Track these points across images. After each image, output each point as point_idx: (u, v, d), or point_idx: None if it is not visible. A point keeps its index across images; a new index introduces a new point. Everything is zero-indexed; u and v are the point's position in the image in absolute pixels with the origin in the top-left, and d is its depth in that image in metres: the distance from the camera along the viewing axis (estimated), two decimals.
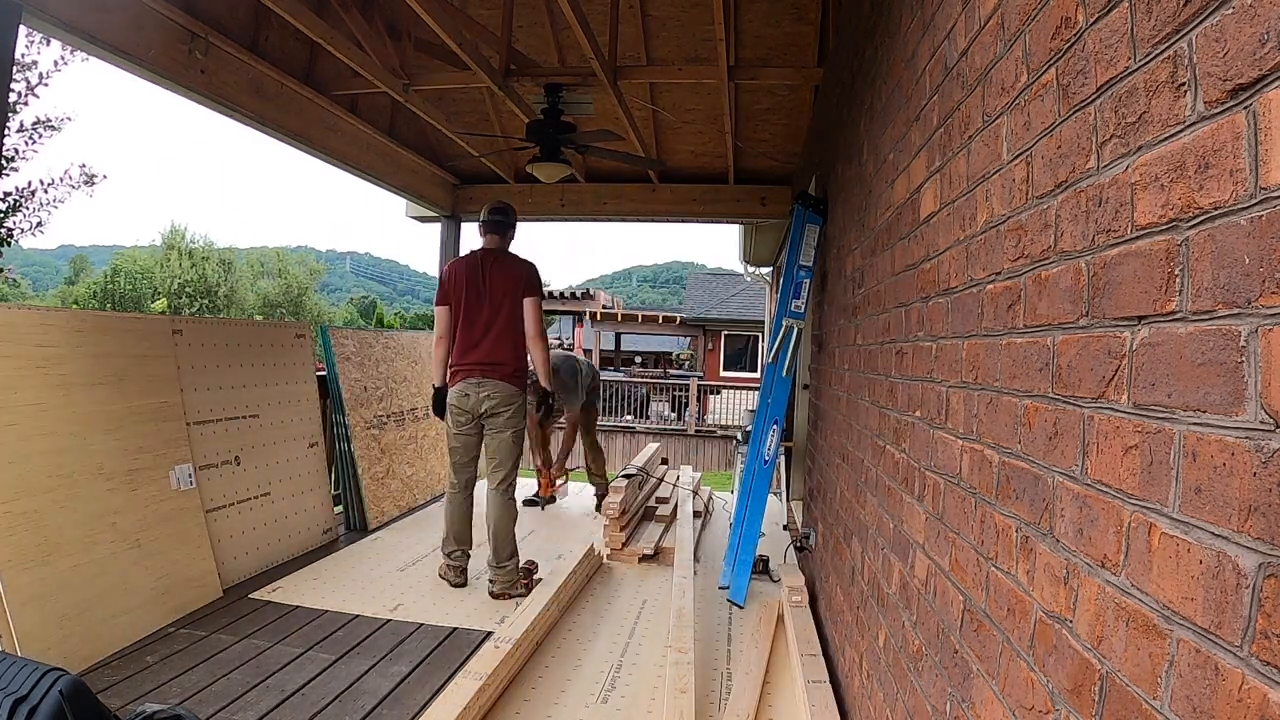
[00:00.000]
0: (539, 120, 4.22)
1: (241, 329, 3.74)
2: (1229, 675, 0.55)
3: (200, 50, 3.42)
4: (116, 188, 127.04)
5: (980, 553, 1.12)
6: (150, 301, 25.15)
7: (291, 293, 31.09)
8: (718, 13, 3.41)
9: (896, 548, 1.67)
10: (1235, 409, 0.57)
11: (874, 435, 2.02)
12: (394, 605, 3.14)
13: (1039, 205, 0.96)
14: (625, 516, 3.97)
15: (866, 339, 2.21)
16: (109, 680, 2.33)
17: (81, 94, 21.83)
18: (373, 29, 3.98)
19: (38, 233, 7.00)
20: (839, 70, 3.15)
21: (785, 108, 5.06)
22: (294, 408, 3.85)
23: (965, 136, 1.27)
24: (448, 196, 6.33)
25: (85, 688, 1.21)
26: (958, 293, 1.29)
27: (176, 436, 3.04)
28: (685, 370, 18.78)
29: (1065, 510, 0.85)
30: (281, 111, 4.14)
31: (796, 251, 3.32)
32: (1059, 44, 0.90)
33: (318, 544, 3.90)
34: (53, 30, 2.81)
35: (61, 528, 2.45)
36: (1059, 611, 0.85)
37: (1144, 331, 0.70)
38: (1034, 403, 0.95)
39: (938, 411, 1.39)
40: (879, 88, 2.13)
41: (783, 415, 3.32)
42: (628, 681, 2.51)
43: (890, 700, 1.63)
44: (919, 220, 1.60)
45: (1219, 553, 0.57)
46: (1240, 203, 0.57)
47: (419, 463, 5.06)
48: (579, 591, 3.34)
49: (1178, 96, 0.66)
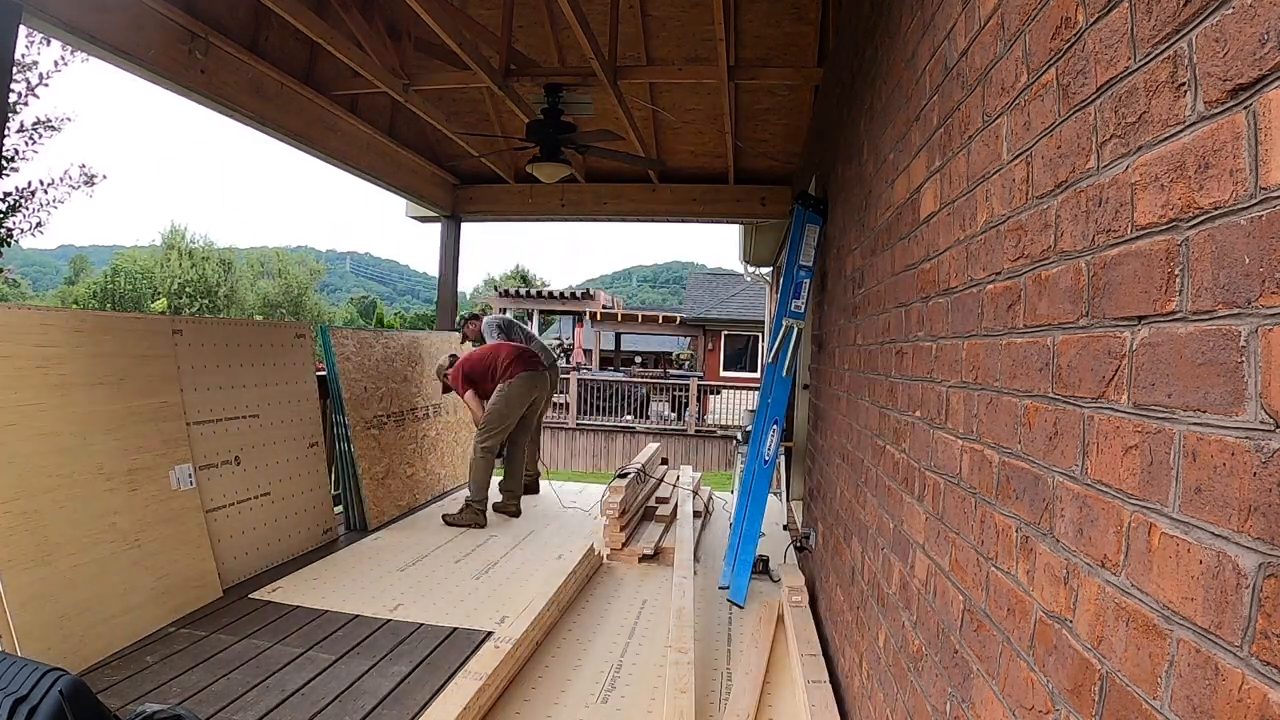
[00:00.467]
0: (539, 120, 4.22)
1: (241, 329, 3.74)
2: (1229, 675, 0.55)
3: (200, 50, 3.42)
4: (116, 188, 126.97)
5: (980, 553, 1.12)
6: (150, 301, 25.16)
7: (291, 293, 31.10)
8: (718, 13, 3.41)
9: (896, 548, 1.67)
10: (1235, 409, 0.57)
11: (874, 435, 2.02)
12: (394, 605, 3.14)
13: (1039, 205, 0.96)
14: (625, 516, 3.97)
15: (866, 339, 2.21)
16: (109, 680, 2.33)
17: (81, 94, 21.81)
18: (373, 29, 3.98)
19: (38, 233, 7.00)
20: (839, 70, 3.15)
21: (785, 108, 5.06)
22: (294, 408, 3.85)
23: (965, 136, 1.27)
24: (448, 196, 6.33)
25: (85, 688, 1.21)
26: (958, 293, 1.29)
27: (176, 436, 3.04)
28: (685, 370, 18.77)
29: (1065, 510, 0.85)
30: (281, 111, 4.14)
31: (796, 251, 3.32)
32: (1059, 44, 0.90)
33: (318, 544, 3.90)
34: (53, 30, 2.81)
35: (61, 528, 2.45)
36: (1059, 611, 0.85)
37: (1144, 331, 0.70)
38: (1034, 403, 0.95)
39: (938, 411, 1.39)
40: (879, 88, 2.13)
41: (783, 415, 3.32)
42: (628, 681, 2.51)
43: (890, 700, 1.63)
44: (919, 220, 1.60)
45: (1219, 553, 0.57)
46: (1240, 203, 0.57)
47: (419, 463, 5.06)
48: (579, 591, 3.34)
49: (1178, 96, 0.66)
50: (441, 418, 5.49)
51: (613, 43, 3.96)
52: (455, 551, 3.97)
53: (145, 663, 2.47)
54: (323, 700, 2.30)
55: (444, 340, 5.79)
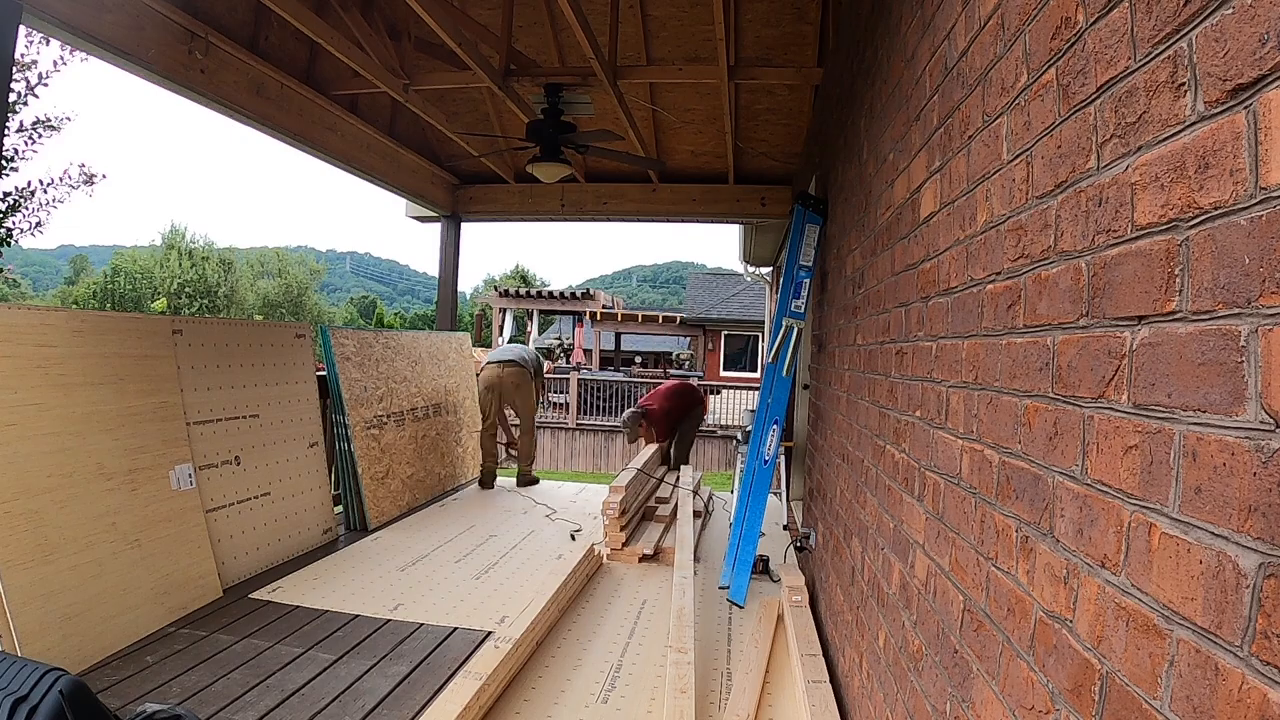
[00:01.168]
0: (539, 120, 4.22)
1: (241, 329, 3.74)
2: (1229, 675, 0.55)
3: (200, 50, 3.42)
4: (116, 188, 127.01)
5: (980, 552, 1.12)
6: (150, 301, 25.14)
7: (291, 293, 31.10)
8: (718, 12, 3.41)
9: (896, 548, 1.67)
10: (1235, 409, 0.57)
11: (874, 435, 2.02)
12: (394, 605, 3.14)
13: (1039, 205, 0.96)
14: (625, 516, 3.97)
15: (866, 339, 2.21)
16: (109, 680, 2.33)
17: (81, 94, 21.80)
18: (373, 29, 3.98)
19: (37, 233, 6.98)
20: (839, 70, 3.15)
21: (785, 108, 5.06)
22: (294, 408, 3.85)
23: (965, 136, 1.27)
24: (448, 196, 6.33)
25: (85, 688, 1.21)
26: (958, 293, 1.29)
27: (176, 436, 3.04)
28: (685, 370, 18.77)
29: (1065, 510, 0.85)
30: (281, 111, 4.14)
31: (796, 251, 3.32)
32: (1059, 44, 0.90)
33: (318, 544, 3.90)
34: (53, 30, 2.81)
35: (61, 528, 2.45)
36: (1059, 611, 0.85)
37: (1144, 331, 0.70)
38: (1034, 403, 0.95)
39: (938, 411, 1.39)
40: (879, 87, 2.13)
41: (783, 415, 3.32)
42: (628, 681, 2.51)
43: (890, 700, 1.63)
44: (919, 220, 1.60)
45: (1219, 553, 0.57)
46: (1240, 202, 0.57)
47: (419, 463, 5.06)
48: (579, 591, 3.34)
49: (1178, 96, 0.66)
50: (442, 418, 5.49)
51: (613, 43, 3.96)
52: (455, 551, 3.97)
53: (145, 662, 2.47)
54: (323, 700, 2.30)
55: (444, 340, 5.79)
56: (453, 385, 5.75)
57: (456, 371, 5.88)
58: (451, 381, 5.74)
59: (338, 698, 2.33)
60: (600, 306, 18.62)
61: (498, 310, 18.44)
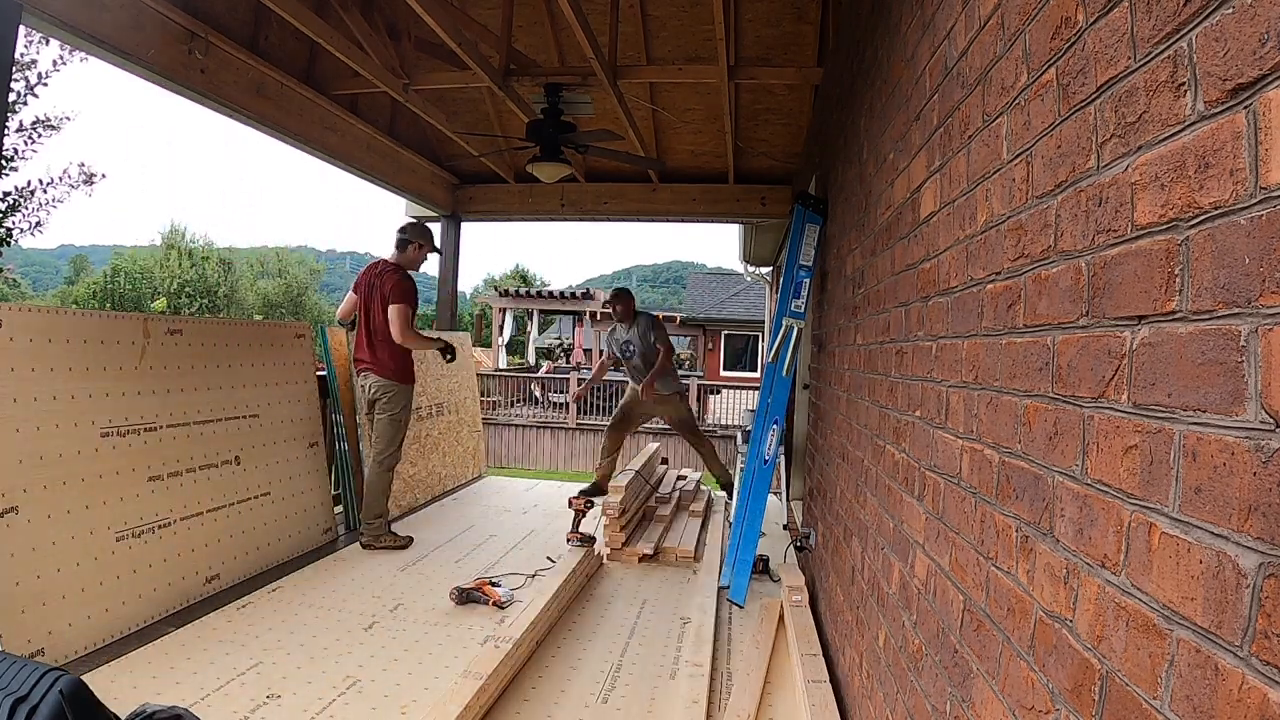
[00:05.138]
0: (539, 120, 4.22)
1: (242, 329, 3.74)
2: (1229, 675, 0.55)
3: (200, 50, 3.42)
4: (116, 188, 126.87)
5: (980, 552, 1.12)
6: (150, 301, 25.13)
7: (291, 293, 31.07)
8: (718, 12, 3.41)
9: (896, 547, 1.67)
10: (1235, 409, 0.57)
11: (874, 435, 2.02)
12: (394, 605, 3.14)
13: (1039, 205, 0.96)
14: (625, 516, 3.97)
15: (866, 339, 2.21)
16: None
17: (81, 94, 21.78)
18: (373, 29, 3.98)
19: (37, 232, 6.99)
20: (839, 70, 3.15)
21: (785, 108, 5.06)
22: (294, 408, 3.85)
23: (965, 136, 1.27)
24: (448, 196, 6.33)
25: (85, 688, 1.21)
26: (957, 292, 1.29)
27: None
28: (685, 370, 18.78)
29: (1065, 510, 0.85)
30: (281, 111, 4.14)
31: (796, 251, 3.32)
32: (1059, 44, 0.90)
33: (318, 544, 3.90)
34: (53, 30, 2.81)
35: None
36: (1059, 611, 0.85)
37: (1144, 331, 0.70)
38: (1034, 402, 0.95)
39: (938, 411, 1.39)
40: (879, 87, 2.13)
41: (783, 415, 3.32)
42: (627, 681, 2.51)
43: (890, 700, 1.63)
44: (919, 220, 1.60)
45: (1219, 552, 0.57)
46: (1240, 202, 0.57)
47: (420, 462, 5.06)
48: (579, 591, 3.34)
49: (1178, 96, 0.66)
50: (443, 417, 5.48)
51: (613, 42, 3.96)
52: (455, 551, 3.97)
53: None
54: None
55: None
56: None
57: (457, 371, 5.88)
58: (452, 381, 5.74)
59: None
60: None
61: (498, 310, 18.45)
